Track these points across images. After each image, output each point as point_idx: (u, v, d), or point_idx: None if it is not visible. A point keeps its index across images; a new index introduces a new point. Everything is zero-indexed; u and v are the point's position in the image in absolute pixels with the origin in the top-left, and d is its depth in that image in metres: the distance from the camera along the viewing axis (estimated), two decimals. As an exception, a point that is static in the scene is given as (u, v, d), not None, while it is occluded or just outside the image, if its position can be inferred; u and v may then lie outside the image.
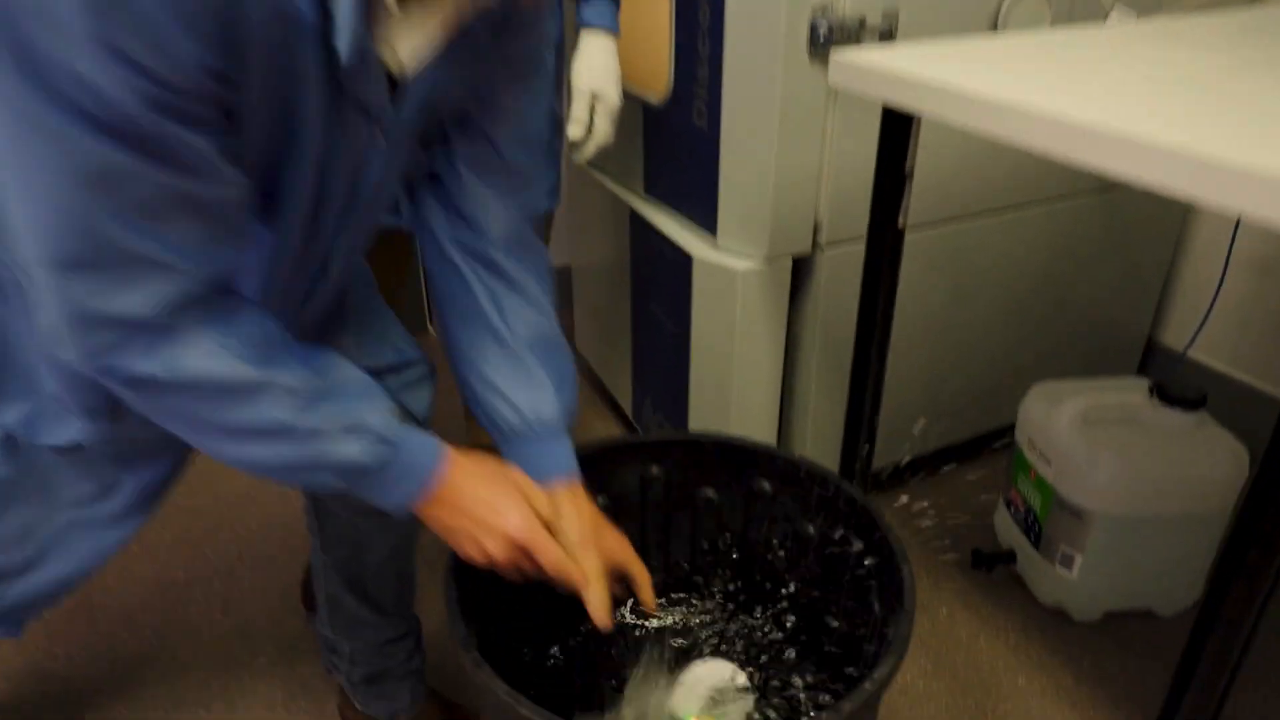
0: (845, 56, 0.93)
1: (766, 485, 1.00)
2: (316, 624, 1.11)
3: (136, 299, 0.56)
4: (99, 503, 0.79)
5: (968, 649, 1.33)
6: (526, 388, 0.83)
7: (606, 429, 1.86)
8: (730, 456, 1.01)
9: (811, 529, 0.98)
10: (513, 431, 0.84)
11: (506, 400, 0.83)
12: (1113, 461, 1.24)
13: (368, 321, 0.90)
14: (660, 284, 1.52)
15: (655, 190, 1.55)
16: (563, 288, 2.15)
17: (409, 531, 1.01)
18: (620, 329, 1.73)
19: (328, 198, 0.67)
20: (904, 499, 1.64)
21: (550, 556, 0.77)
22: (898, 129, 0.94)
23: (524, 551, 0.76)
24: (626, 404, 1.80)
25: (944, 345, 1.53)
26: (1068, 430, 1.29)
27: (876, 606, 0.88)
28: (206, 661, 1.32)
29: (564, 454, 0.85)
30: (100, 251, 0.54)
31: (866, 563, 0.91)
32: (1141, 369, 1.85)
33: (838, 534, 0.95)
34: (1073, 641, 1.34)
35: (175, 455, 0.82)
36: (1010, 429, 1.48)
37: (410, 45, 0.62)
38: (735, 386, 1.41)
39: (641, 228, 1.55)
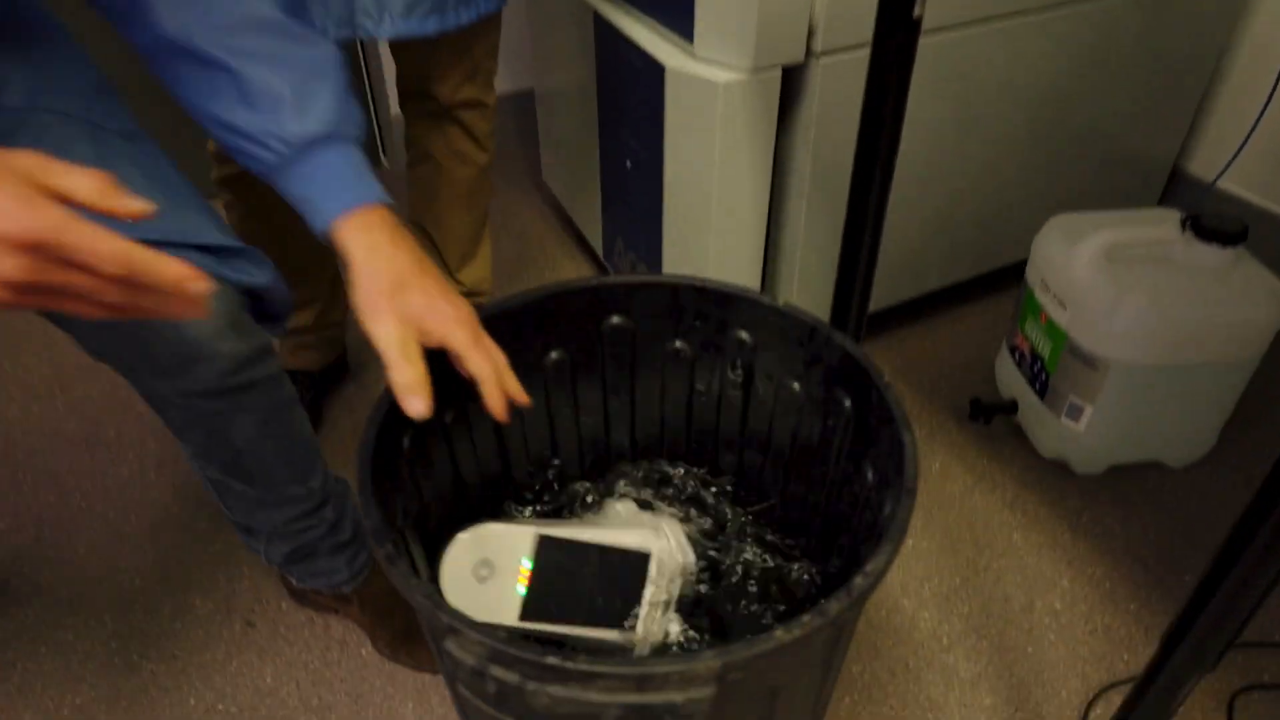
0: None
1: (746, 335, 0.86)
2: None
3: None
4: None
5: (960, 505, 1.25)
6: (258, 106, 0.65)
7: (577, 270, 1.71)
8: (704, 302, 0.86)
9: (797, 386, 0.85)
10: (270, 167, 0.67)
11: (240, 132, 0.66)
12: (1137, 305, 1.10)
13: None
14: (629, 103, 1.32)
15: (624, -11, 1.32)
16: (527, 116, 1.93)
17: (276, 401, 0.86)
18: (588, 159, 1.54)
19: None
20: (897, 343, 1.52)
21: (94, 244, 0.44)
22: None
23: (50, 254, 0.43)
24: (597, 243, 1.63)
25: (947, 172, 1.36)
26: (1088, 269, 1.15)
27: (870, 474, 0.76)
28: (140, 525, 1.22)
29: (336, 174, 0.66)
30: None
31: (859, 425, 0.78)
32: (1162, 202, 1.68)
33: (826, 392, 0.82)
34: (1073, 495, 1.25)
35: None
36: (1017, 267, 1.33)
37: None
38: (715, 220, 1.25)
39: (608, 36, 1.33)
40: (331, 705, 1.02)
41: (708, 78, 1.13)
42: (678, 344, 0.90)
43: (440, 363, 0.76)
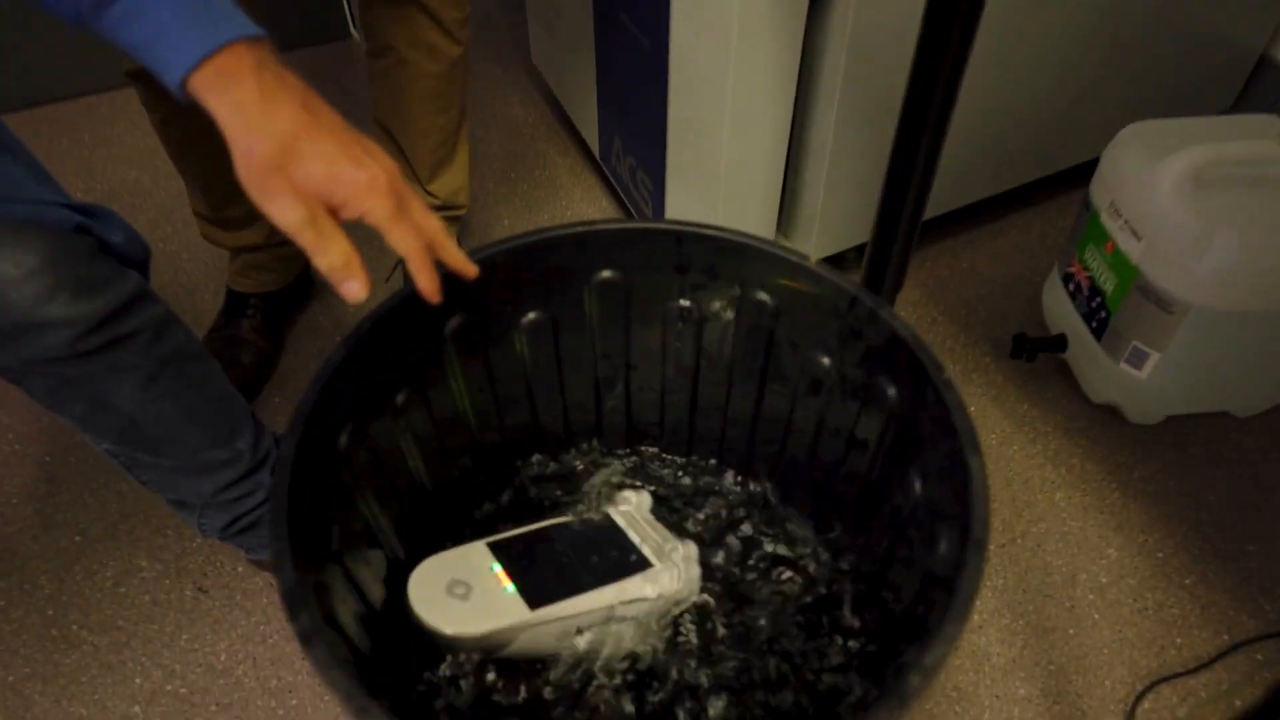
0: None
1: (766, 297, 0.70)
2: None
3: None
4: None
5: (997, 456, 1.11)
6: None
7: (570, 169, 1.51)
8: (714, 255, 0.69)
9: (828, 361, 0.69)
10: (85, 6, 0.48)
11: None
12: (1232, 241, 0.93)
13: None
14: (630, -19, 1.10)
15: None
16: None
17: (162, 355, 0.71)
18: (581, 45, 1.31)
19: None
20: (930, 259, 1.34)
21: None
22: None
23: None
24: (593, 139, 1.43)
25: (1002, 60, 1.14)
26: (1172, 195, 0.96)
27: (917, 487, 0.62)
28: (80, 471, 1.10)
29: (172, 7, 0.47)
30: None
31: (907, 423, 0.63)
32: (1244, 97, 1.46)
33: (867, 376, 0.66)
34: (1124, 448, 1.12)
35: None
36: (1077, 174, 1.14)
37: None
38: (728, 126, 1.05)
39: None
40: (293, 687, 0.92)
41: (725, -49, 0.91)
42: (683, 302, 0.73)
43: (392, 321, 0.61)
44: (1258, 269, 0.94)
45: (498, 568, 0.66)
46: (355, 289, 0.52)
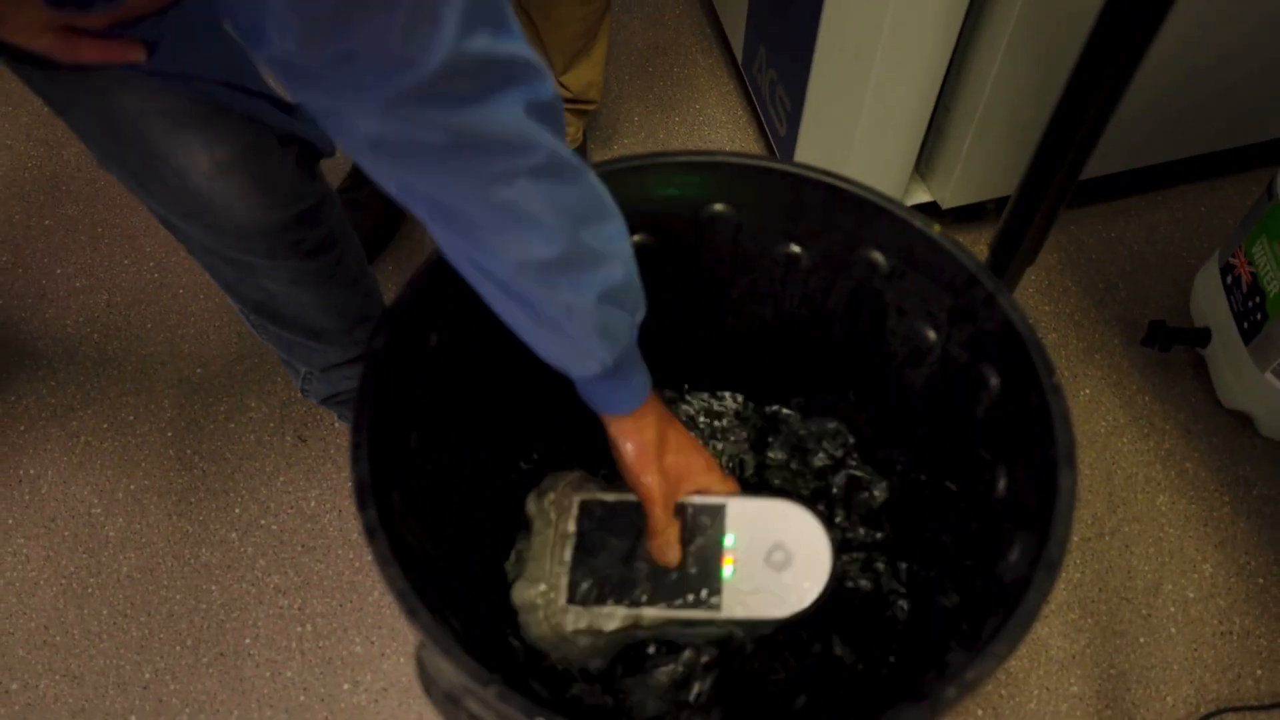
0: None
1: (880, 258, 0.66)
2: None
3: None
4: None
5: (1104, 447, 1.05)
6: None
7: (710, 71, 1.45)
8: (832, 207, 0.66)
9: (933, 335, 0.66)
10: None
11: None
12: None
13: None
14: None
15: None
16: None
17: (319, 266, 0.74)
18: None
19: None
20: (1077, 223, 1.24)
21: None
22: None
23: None
24: (738, 44, 1.36)
25: (1203, 18, 1.01)
26: (1374, 200, 0.85)
27: (1002, 485, 0.59)
28: (209, 308, 1.17)
29: (609, 394, 0.63)
30: None
31: (1005, 418, 0.60)
32: None
33: (971, 358, 0.63)
34: (1248, 461, 1.04)
35: None
36: (1260, 154, 1.01)
37: None
38: (881, 52, 0.98)
39: None
40: (370, 544, 0.99)
41: None
42: (793, 248, 0.70)
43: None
44: None
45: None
46: (673, 556, 0.65)
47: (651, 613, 0.64)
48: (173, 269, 1.21)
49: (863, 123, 1.05)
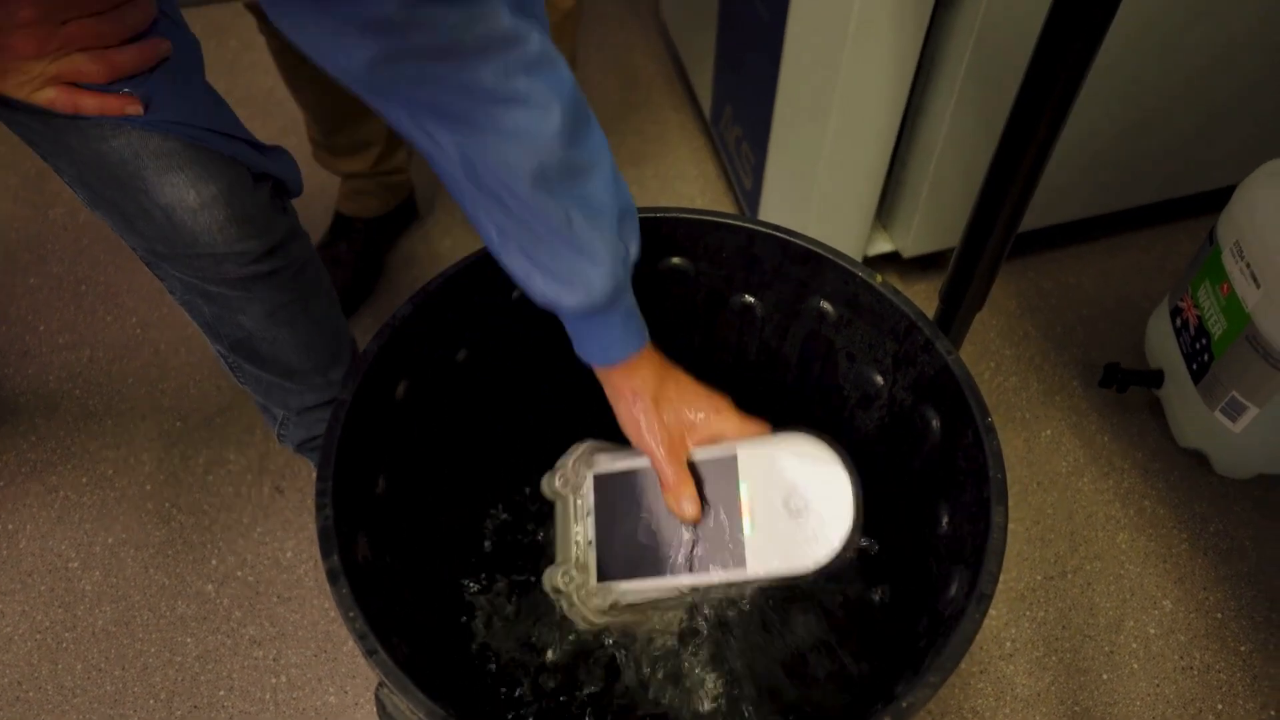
0: None
1: (829, 307, 0.70)
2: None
3: None
4: None
5: (1064, 487, 1.08)
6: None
7: (681, 127, 1.50)
8: (785, 258, 0.69)
9: (881, 380, 0.69)
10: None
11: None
12: (1358, 303, 0.86)
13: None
14: (759, -53, 1.07)
15: None
16: (652, -74, 1.65)
17: (295, 293, 0.77)
18: (708, 5, 1.29)
19: None
20: (1035, 270, 1.29)
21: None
22: None
23: None
24: (706, 102, 1.42)
25: (1138, 73, 1.07)
26: (1304, 246, 0.89)
27: (945, 523, 0.62)
28: (189, 362, 1.19)
29: (602, 334, 0.60)
30: None
31: (946, 458, 0.62)
32: None
33: (915, 402, 0.66)
34: (1204, 498, 1.06)
35: None
36: (1207, 202, 1.06)
37: None
38: (836, 110, 1.03)
39: None
40: (345, 593, 1.00)
41: (854, -66, 0.88)
42: (747, 298, 0.74)
43: (463, 282, 0.66)
44: (1384, 338, 0.87)
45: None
46: (691, 509, 0.61)
47: (679, 581, 0.61)
48: (154, 325, 1.23)
49: (822, 177, 1.10)
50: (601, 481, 0.65)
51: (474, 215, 0.54)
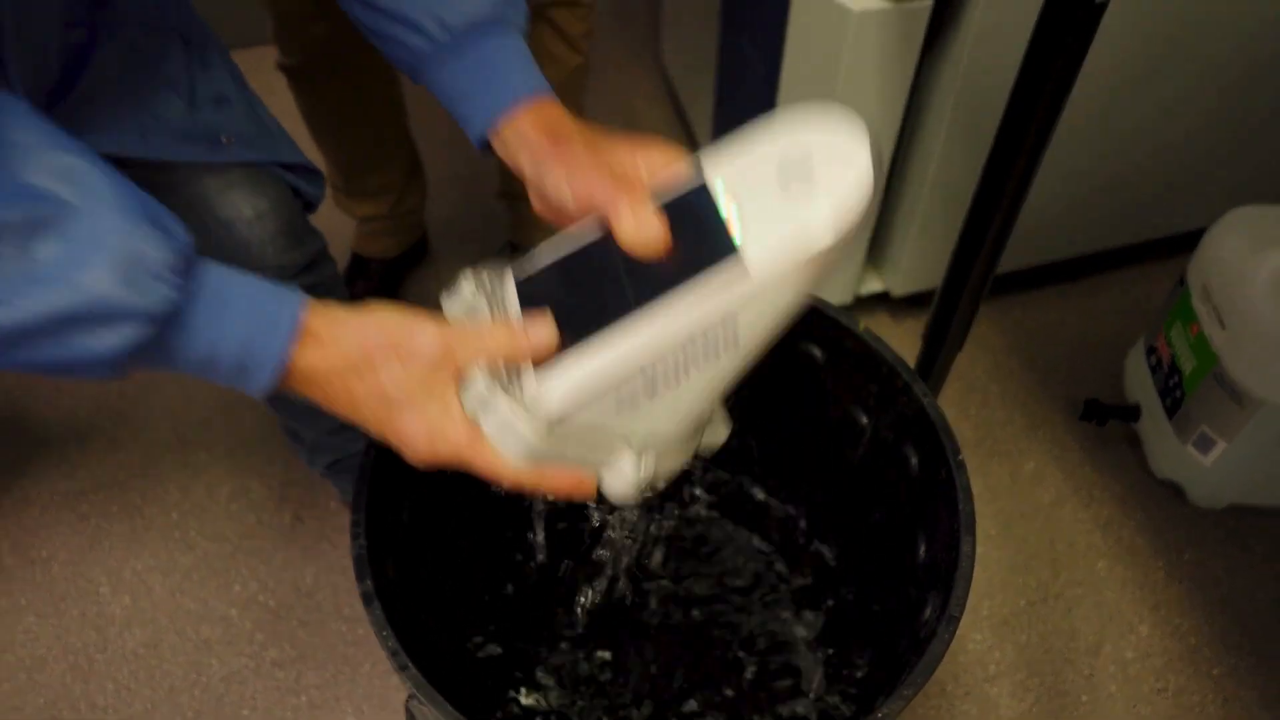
0: None
1: (818, 352, 0.76)
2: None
3: None
4: None
5: (1047, 516, 1.13)
6: None
7: (680, 171, 1.57)
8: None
9: (865, 419, 0.75)
10: (421, 56, 0.56)
11: (390, 14, 0.56)
12: (1314, 345, 0.92)
13: (193, 74, 0.69)
14: (752, 8, 1.14)
15: None
16: (654, -22, 1.73)
17: None
18: (706, 55, 1.37)
19: None
20: (1020, 308, 1.35)
21: (486, 472, 0.48)
22: None
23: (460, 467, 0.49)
24: (705, 141, 1.49)
25: (1114, 124, 1.14)
26: (1262, 291, 0.95)
27: (922, 551, 0.67)
28: (214, 397, 1.25)
29: (499, 63, 0.55)
30: None
31: (924, 492, 0.68)
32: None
33: (896, 439, 0.71)
34: (1179, 528, 1.12)
35: None
36: (1182, 244, 1.12)
37: None
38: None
39: (741, -79, 1.13)
40: (361, 618, 1.05)
41: (841, 1, 0.95)
42: (742, 342, 0.79)
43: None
44: (1340, 378, 0.93)
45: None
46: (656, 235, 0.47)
47: (656, 325, 0.44)
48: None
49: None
50: (527, 285, 0.50)
51: None
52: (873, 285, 1.30)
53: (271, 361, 0.46)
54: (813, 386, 0.78)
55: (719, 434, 0.57)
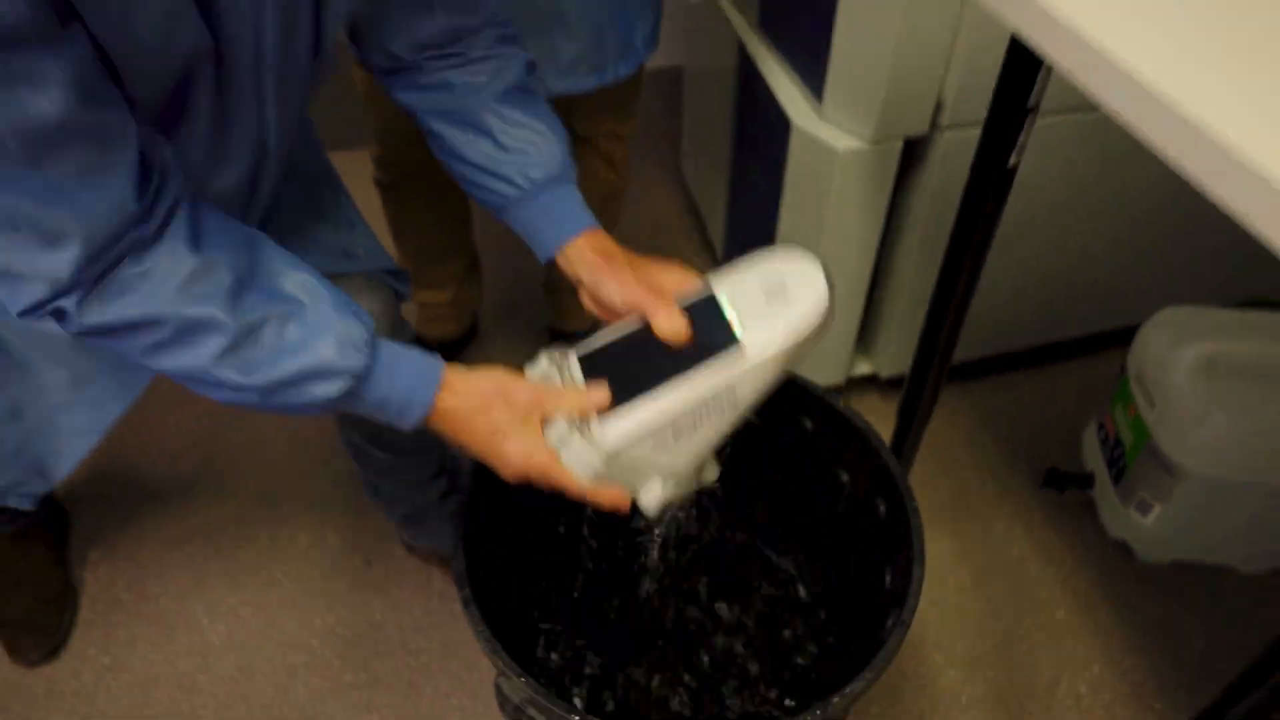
0: (980, -47, 0.74)
1: (809, 423, 0.96)
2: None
3: (51, 260, 0.55)
4: (78, 389, 0.81)
5: (1014, 571, 1.31)
6: (512, 153, 0.77)
7: (700, 269, 1.79)
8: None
9: (846, 477, 0.94)
10: (509, 200, 0.79)
11: (490, 172, 0.78)
12: (1224, 422, 1.11)
13: (336, 207, 0.91)
14: (759, 140, 1.38)
15: (768, 27, 1.36)
16: (673, 90, 1.99)
17: None
18: (720, 166, 1.61)
19: (235, 71, 0.62)
20: (988, 390, 1.55)
21: (559, 485, 0.68)
22: (1023, 66, 0.76)
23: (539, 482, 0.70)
24: (719, 246, 1.72)
25: (1063, 233, 1.35)
26: (1183, 381, 1.15)
27: (888, 579, 0.86)
28: (296, 457, 1.45)
29: (563, 207, 0.77)
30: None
31: (891, 532, 0.87)
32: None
33: (868, 488, 0.91)
34: (1129, 581, 1.29)
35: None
36: (1128, 335, 1.32)
37: None
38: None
39: (748, 69, 1.38)
40: (424, 649, 1.23)
41: (829, 143, 1.18)
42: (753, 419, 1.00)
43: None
44: (1247, 448, 1.11)
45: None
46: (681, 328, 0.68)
47: (682, 392, 0.64)
48: (270, 423, 1.50)
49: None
50: (588, 360, 0.70)
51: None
52: (863, 368, 1.51)
53: (423, 405, 0.67)
54: (805, 450, 0.97)
55: (711, 474, 0.78)
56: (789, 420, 0.97)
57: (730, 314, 0.67)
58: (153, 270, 0.58)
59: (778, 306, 0.66)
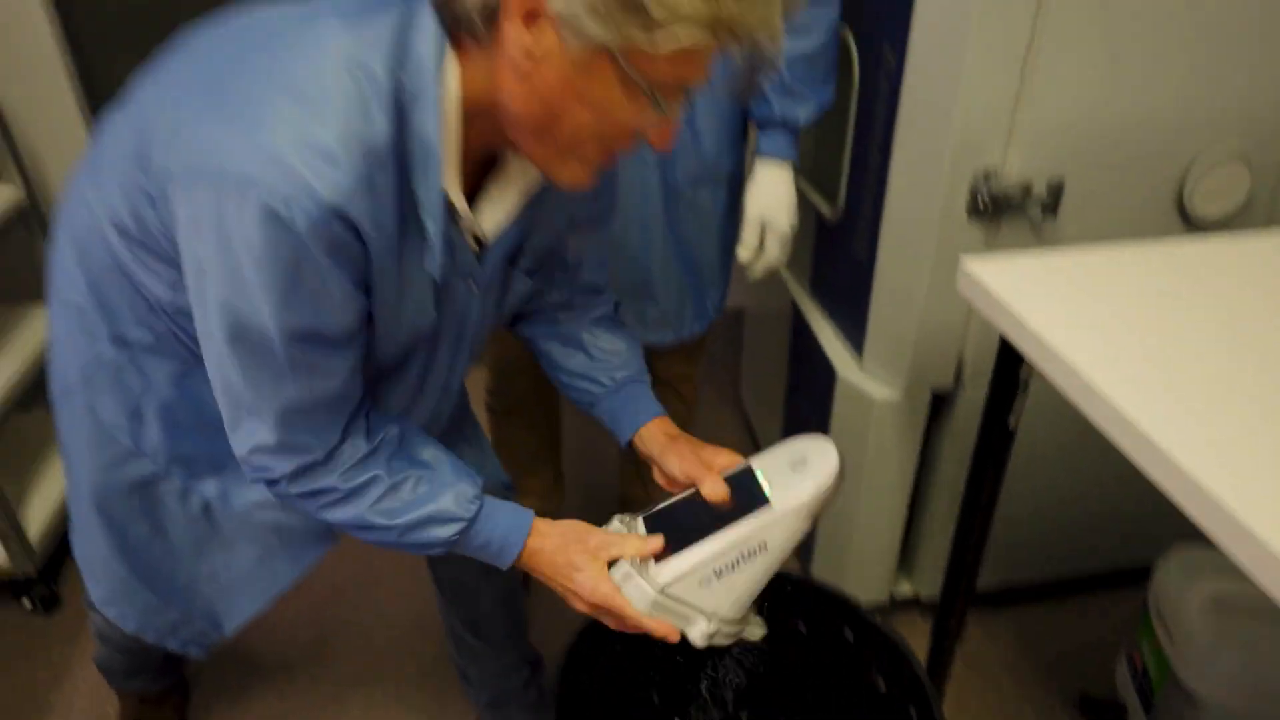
0: (974, 268, 0.98)
1: (850, 634, 1.10)
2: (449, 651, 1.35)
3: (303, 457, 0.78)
4: (262, 563, 1.01)
5: (1053, 796, 1.36)
6: (598, 361, 1.00)
7: (754, 487, 1.98)
8: (819, 600, 1.12)
9: (883, 685, 1.08)
10: (596, 396, 1.00)
11: (583, 376, 1.00)
12: (1237, 658, 1.22)
13: (475, 432, 1.16)
14: (809, 383, 1.61)
15: (818, 294, 1.63)
16: (734, 326, 2.24)
17: (514, 584, 1.22)
18: (775, 402, 1.83)
19: (444, 340, 0.86)
20: (1030, 618, 1.65)
21: (620, 613, 0.83)
22: (1012, 354, 0.98)
23: (603, 611, 0.86)
24: (774, 470, 1.91)
25: (1093, 471, 1.51)
26: (1196, 616, 1.27)
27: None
28: (388, 643, 1.61)
29: (638, 400, 0.99)
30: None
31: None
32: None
33: (899, 697, 1.04)
34: (1168, 814, 1.33)
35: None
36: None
37: (493, 221, 0.79)
38: (862, 506, 1.49)
39: (801, 324, 1.64)
40: (493, 834, 1.33)
41: (868, 394, 1.40)
42: (801, 626, 1.15)
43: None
44: (1260, 680, 1.21)
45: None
46: (721, 491, 0.88)
47: (722, 539, 0.81)
48: (365, 606, 1.68)
49: (856, 541, 1.54)
50: (652, 519, 0.89)
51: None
52: (905, 590, 1.64)
53: (517, 547, 0.87)
54: (847, 658, 1.11)
55: (756, 632, 0.93)
56: (836, 632, 1.11)
57: (762, 481, 0.86)
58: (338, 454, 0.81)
59: (800, 474, 0.85)
